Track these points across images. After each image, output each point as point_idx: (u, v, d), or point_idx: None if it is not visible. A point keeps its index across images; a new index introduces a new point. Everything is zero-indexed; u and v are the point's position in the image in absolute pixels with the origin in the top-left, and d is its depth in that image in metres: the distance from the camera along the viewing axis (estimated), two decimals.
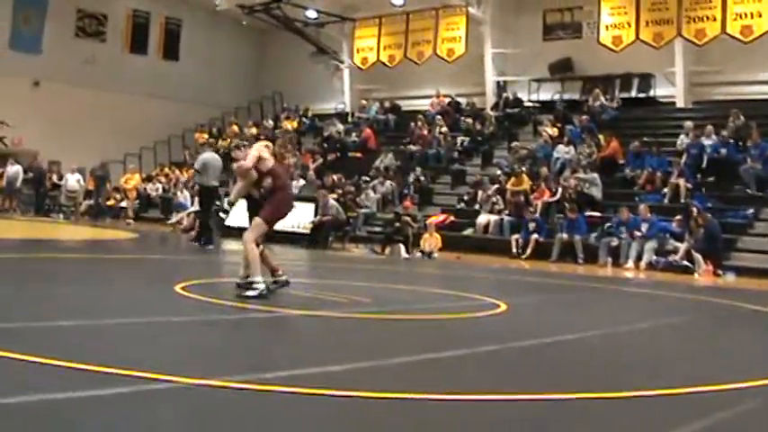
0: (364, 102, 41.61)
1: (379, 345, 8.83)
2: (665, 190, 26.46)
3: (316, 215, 26.75)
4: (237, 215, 18.71)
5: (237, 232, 13.44)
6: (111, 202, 37.32)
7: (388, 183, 32.17)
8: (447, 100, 38.51)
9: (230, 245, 22.62)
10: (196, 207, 31.15)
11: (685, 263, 22.67)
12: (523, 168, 29.52)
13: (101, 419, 5.02)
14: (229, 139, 41.68)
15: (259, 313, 10.28)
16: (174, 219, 30.92)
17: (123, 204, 37.17)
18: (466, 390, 6.30)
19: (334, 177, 31.84)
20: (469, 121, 35.97)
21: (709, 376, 7.53)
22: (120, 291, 11.76)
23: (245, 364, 7.08)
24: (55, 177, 36.80)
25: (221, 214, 12.44)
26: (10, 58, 37.42)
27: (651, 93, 33.62)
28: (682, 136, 28.51)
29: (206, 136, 43.67)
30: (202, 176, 22.13)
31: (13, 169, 35.19)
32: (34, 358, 6.30)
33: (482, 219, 28.23)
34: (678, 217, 24.02)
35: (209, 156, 22.61)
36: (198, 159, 23.21)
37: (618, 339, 10.27)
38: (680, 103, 32.70)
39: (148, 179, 38.95)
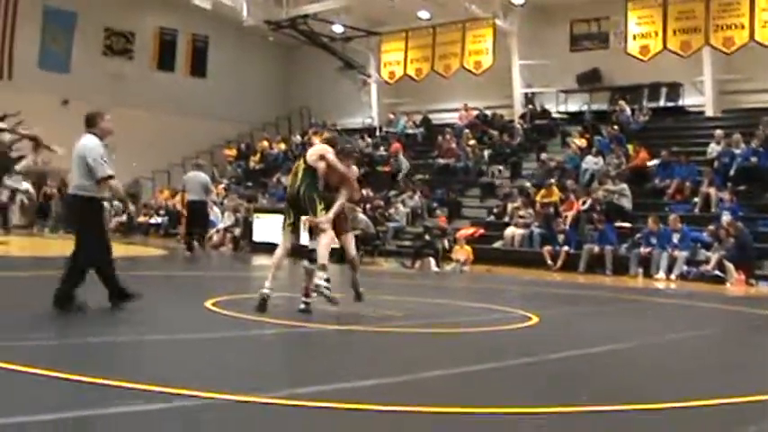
0: (392, 115, 41.62)
1: (413, 359, 8.80)
2: (696, 199, 26.32)
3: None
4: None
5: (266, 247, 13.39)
6: (141, 219, 37.50)
7: (417, 196, 32.13)
8: (475, 112, 38.45)
9: (260, 260, 22.76)
10: (226, 223, 31.40)
11: (717, 273, 22.51)
12: (552, 180, 29.44)
13: None
14: (259, 155, 41.84)
15: (290, 328, 10.29)
16: (215, 238, 30.96)
17: (153, 221, 37.31)
18: (501, 404, 6.27)
19: (363, 191, 31.86)
20: (495, 133, 35.98)
21: (742, 388, 7.45)
22: (151, 307, 11.76)
23: (278, 380, 7.08)
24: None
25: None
26: (39, 76, 37.65)
27: (680, 102, 33.44)
28: (712, 144, 28.36)
29: (234, 152, 43.82)
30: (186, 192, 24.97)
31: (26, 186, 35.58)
32: (66, 375, 6.32)
33: (509, 231, 28.15)
34: (710, 227, 23.86)
35: (190, 174, 25.57)
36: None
37: (650, 351, 10.19)
38: (709, 112, 32.51)
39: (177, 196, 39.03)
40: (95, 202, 10.79)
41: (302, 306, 11.62)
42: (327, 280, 11.35)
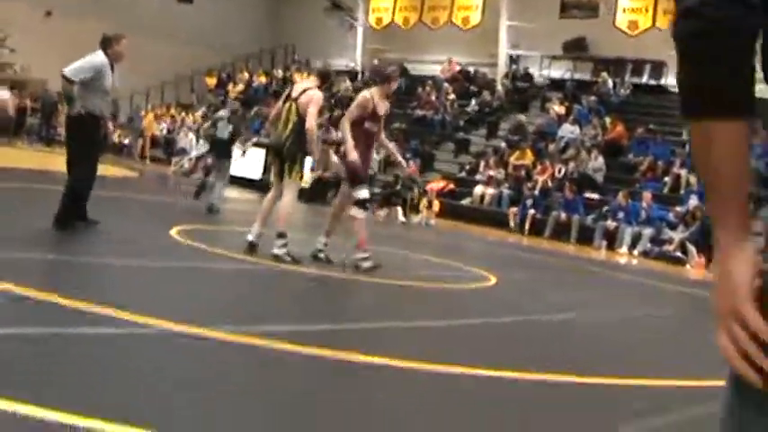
0: (375, 61, 41.54)
1: (365, 308, 8.92)
2: (666, 179, 26.47)
3: (317, 169, 26.65)
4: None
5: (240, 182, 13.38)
6: (116, 139, 37.39)
7: (391, 145, 32.12)
8: (458, 68, 38.43)
9: (232, 193, 22.83)
10: (200, 151, 31.38)
11: (678, 254, 22.71)
12: (527, 143, 29.58)
13: (83, 357, 5.10)
14: (242, 85, 41.76)
15: (250, 265, 10.36)
16: (186, 165, 31.01)
17: (126, 141, 37.24)
18: (445, 361, 6.37)
19: (339, 134, 31.81)
20: (475, 89, 36.11)
21: (688, 371, 7.58)
22: (115, 230, 11.80)
23: (228, 315, 7.16)
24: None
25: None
26: None
27: (662, 81, 33.49)
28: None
29: (215, 80, 43.65)
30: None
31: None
32: (24, 291, 6.37)
33: (478, 190, 28.26)
34: (677, 208, 24.03)
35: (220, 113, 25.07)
36: None
37: (602, 325, 10.32)
38: None
39: (154, 118, 38.98)
40: (87, 118, 10.82)
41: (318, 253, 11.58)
42: None
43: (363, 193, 11.51)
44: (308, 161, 25.82)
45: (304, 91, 11.39)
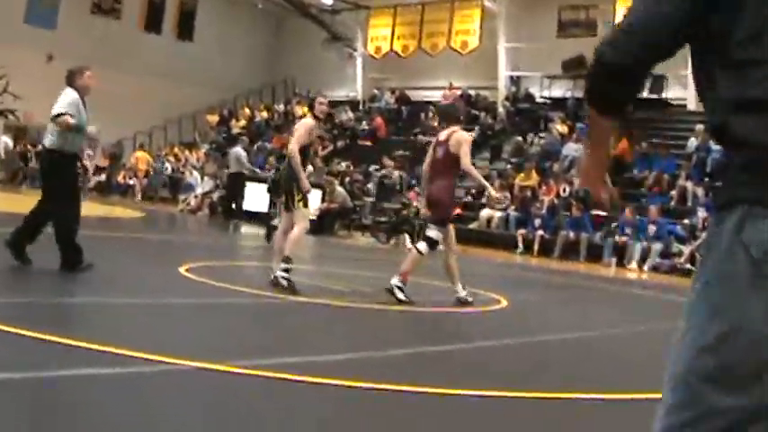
0: (376, 90, 41.64)
1: (377, 336, 8.90)
2: (672, 192, 26.44)
3: (323, 202, 26.70)
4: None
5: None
6: (120, 180, 37.51)
7: (396, 172, 32.15)
8: (459, 92, 38.46)
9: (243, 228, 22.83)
10: (204, 188, 31.50)
11: (689, 266, 22.63)
12: (531, 164, 29.59)
13: (99, 398, 5.09)
14: (244, 121, 41.93)
15: (258, 299, 10.34)
16: (192, 202, 31.25)
17: (131, 182, 37.35)
18: (458, 386, 6.34)
19: (343, 164, 31.87)
20: (480, 114, 36.07)
21: None
22: (124, 269, 11.82)
23: (241, 349, 7.15)
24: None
25: None
26: (24, 31, 37.37)
27: (663, 94, 33.46)
28: (692, 139, 28.47)
29: (217, 118, 43.76)
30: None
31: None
32: (36, 334, 6.36)
33: (485, 213, 28.23)
34: (686, 221, 23.99)
35: (233, 149, 27.71)
36: None
37: (619, 341, 10.32)
38: (691, 106, 32.52)
39: (158, 158, 39.11)
40: (66, 158, 10.71)
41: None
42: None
43: (435, 234, 11.76)
44: (317, 194, 26.02)
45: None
